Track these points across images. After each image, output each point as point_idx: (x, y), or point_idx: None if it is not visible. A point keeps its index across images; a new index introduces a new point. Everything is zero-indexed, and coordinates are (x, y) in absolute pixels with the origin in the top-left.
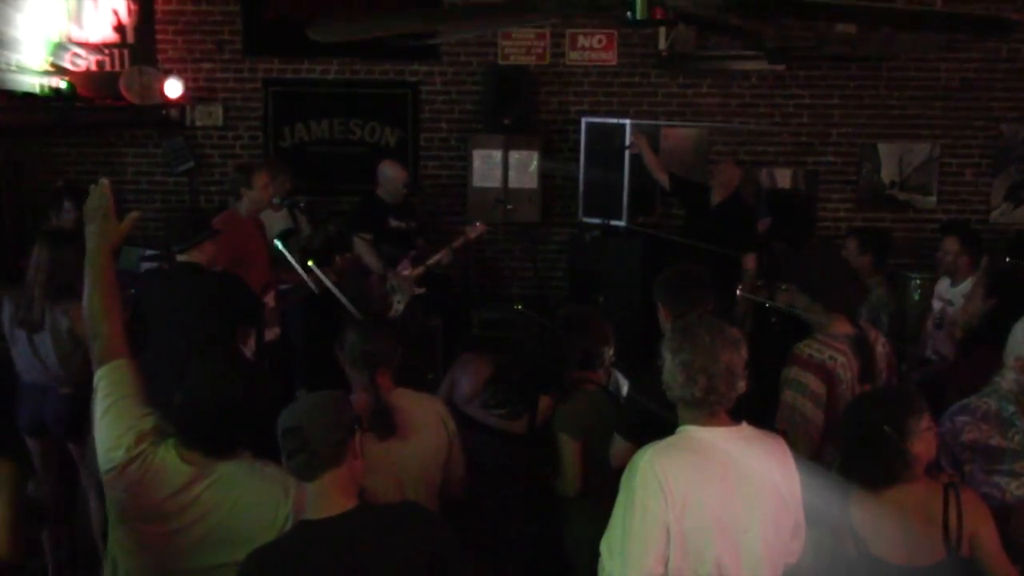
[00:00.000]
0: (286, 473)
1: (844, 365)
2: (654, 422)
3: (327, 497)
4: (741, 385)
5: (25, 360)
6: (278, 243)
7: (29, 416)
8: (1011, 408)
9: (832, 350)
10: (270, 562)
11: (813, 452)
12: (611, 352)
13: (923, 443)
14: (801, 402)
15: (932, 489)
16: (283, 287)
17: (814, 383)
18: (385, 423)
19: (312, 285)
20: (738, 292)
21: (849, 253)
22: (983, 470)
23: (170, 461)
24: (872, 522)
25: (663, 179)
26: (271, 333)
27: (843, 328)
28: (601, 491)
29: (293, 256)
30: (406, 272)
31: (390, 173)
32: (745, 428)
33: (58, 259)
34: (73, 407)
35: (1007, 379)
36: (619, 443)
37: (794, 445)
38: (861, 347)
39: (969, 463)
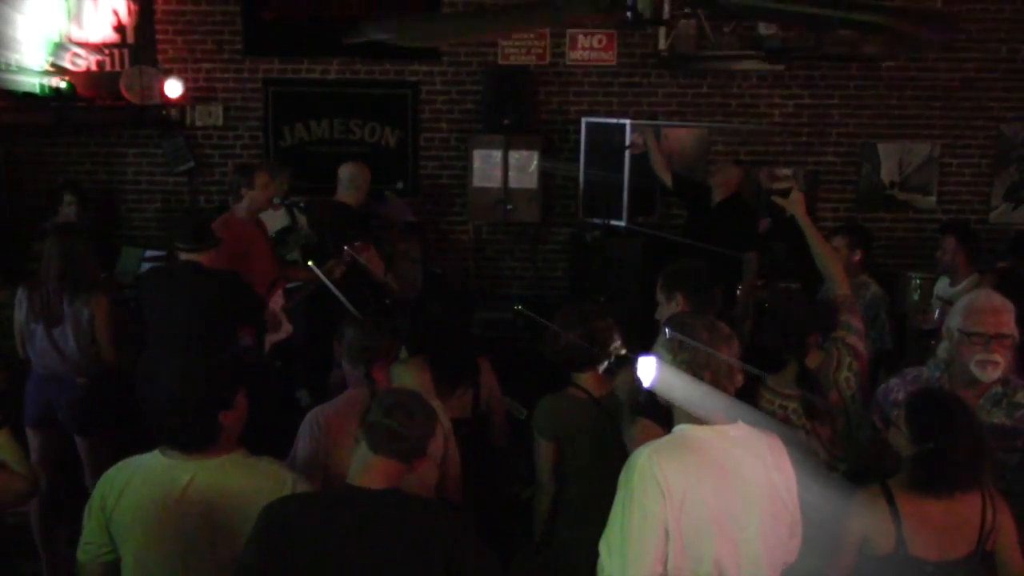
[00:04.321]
0: (282, 466)
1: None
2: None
3: (369, 471)
4: (739, 379)
5: (41, 352)
6: (311, 264)
7: (39, 407)
8: (937, 374)
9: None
10: (295, 512)
11: None
12: (615, 350)
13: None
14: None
15: (975, 492)
16: (290, 285)
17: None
18: None
19: (323, 278)
20: (738, 292)
21: (839, 251)
22: None
23: (155, 465)
24: (920, 524)
25: (667, 177)
26: (283, 331)
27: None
28: (580, 498)
29: (293, 254)
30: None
31: (356, 173)
32: (741, 427)
33: (68, 252)
34: (87, 397)
35: (942, 347)
36: (640, 422)
37: None
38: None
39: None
